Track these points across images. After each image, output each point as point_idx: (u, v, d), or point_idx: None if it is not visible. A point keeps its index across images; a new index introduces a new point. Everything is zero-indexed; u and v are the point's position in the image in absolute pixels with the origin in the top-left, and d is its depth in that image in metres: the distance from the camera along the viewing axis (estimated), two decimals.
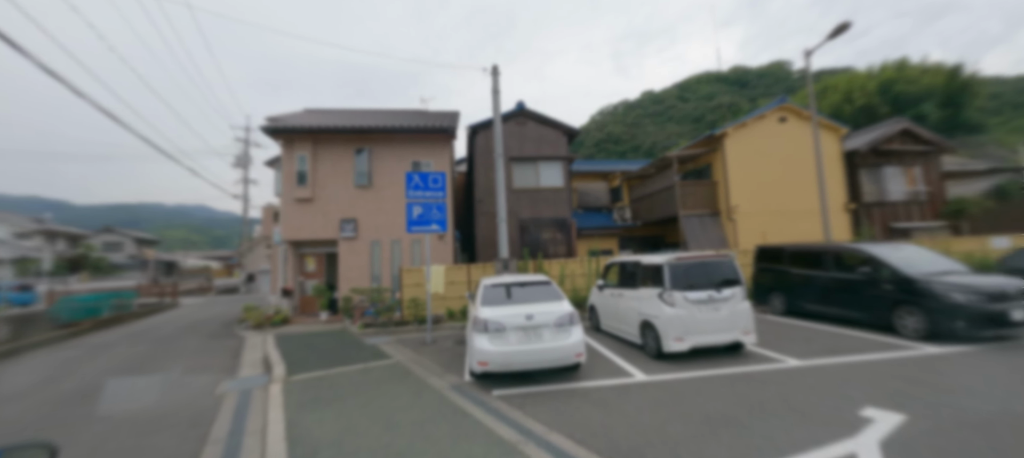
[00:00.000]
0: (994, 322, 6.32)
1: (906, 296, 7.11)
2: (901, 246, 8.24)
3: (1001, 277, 6.82)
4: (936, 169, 16.37)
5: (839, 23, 11.55)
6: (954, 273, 7.15)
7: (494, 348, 5.39)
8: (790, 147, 15.37)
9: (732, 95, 77.45)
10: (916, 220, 15.80)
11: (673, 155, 15.22)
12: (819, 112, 15.04)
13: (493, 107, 11.63)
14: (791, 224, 14.97)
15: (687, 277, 6.52)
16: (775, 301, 10.06)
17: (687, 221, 14.73)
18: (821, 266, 8.89)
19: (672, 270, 6.52)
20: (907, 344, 6.66)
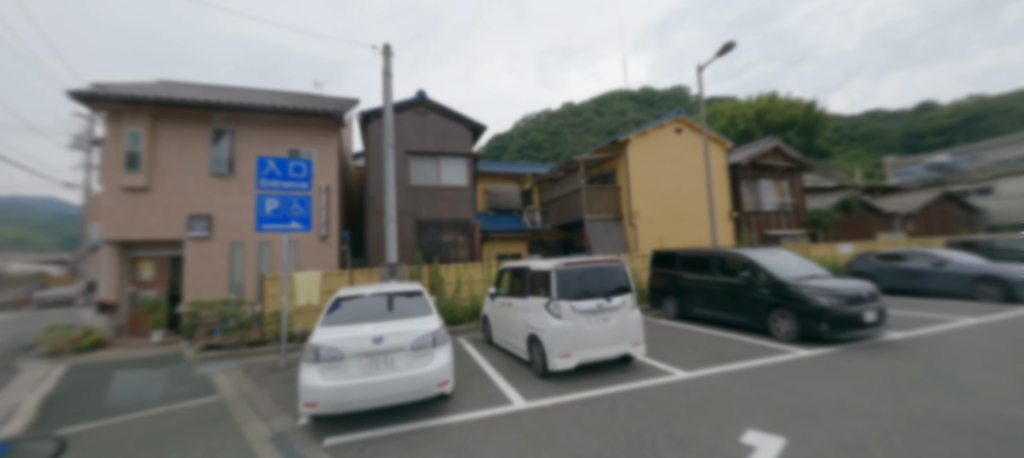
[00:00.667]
0: (852, 324, 6.65)
1: (779, 300, 7.30)
2: (776, 251, 8.63)
3: (855, 281, 7.32)
4: (799, 184, 18.62)
5: (725, 43, 12.26)
6: (818, 277, 7.54)
7: (326, 383, 4.10)
8: (685, 157, 16.22)
9: (641, 112, 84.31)
10: (784, 228, 17.72)
11: (580, 159, 15.12)
12: (710, 127, 16.05)
13: (384, 92, 10.21)
14: (686, 229, 15.74)
15: (576, 284, 5.85)
16: (668, 305, 10.10)
17: (592, 225, 14.67)
18: (708, 270, 9.02)
19: (560, 277, 5.80)
20: (781, 348, 6.76)
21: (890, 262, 12.09)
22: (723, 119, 52.67)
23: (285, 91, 15.29)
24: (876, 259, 12.47)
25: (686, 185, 16.02)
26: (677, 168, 16.12)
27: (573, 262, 5.97)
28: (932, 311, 9.14)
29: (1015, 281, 9.45)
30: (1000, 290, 9.67)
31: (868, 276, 12.45)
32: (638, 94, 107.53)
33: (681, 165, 16.16)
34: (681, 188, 15.98)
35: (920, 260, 11.45)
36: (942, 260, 10.95)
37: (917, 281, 11.32)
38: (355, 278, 10.41)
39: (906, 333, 7.31)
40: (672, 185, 15.91)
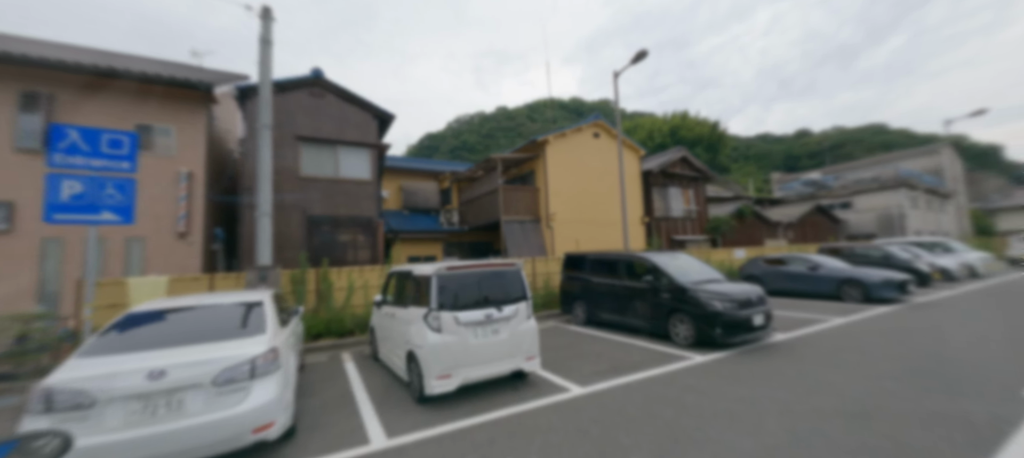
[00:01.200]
0: (743, 328, 6.70)
1: (679, 304, 7.21)
2: (678, 255, 8.67)
3: (746, 285, 7.49)
4: (703, 193, 19.98)
5: (638, 52, 12.45)
6: (714, 281, 7.60)
7: (82, 442, 2.78)
8: (602, 161, 16.42)
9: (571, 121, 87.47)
10: (690, 234, 18.82)
11: (498, 157, 14.50)
12: (631, 138, 16.43)
13: (260, 62, 8.61)
14: (602, 233, 15.89)
15: (462, 292, 5.05)
16: (578, 310, 9.79)
17: (508, 227, 14.11)
18: (615, 274, 8.82)
19: (441, 283, 4.95)
20: (679, 354, 6.61)
21: (775, 266, 13.14)
22: (643, 132, 56.39)
23: (138, 56, 12.59)
24: (764, 263, 13.51)
25: (602, 189, 16.21)
26: (594, 172, 16.25)
27: (459, 265, 5.15)
28: (809, 311, 9.90)
29: (871, 284, 10.63)
30: (860, 291, 10.83)
31: (757, 279, 13.44)
32: (568, 104, 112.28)
33: (598, 169, 16.32)
34: (598, 192, 16.13)
35: (799, 264, 12.56)
36: (816, 264, 12.09)
37: (796, 283, 12.39)
38: (217, 284, 8.60)
39: (789, 334, 7.64)
40: (589, 188, 15.98)
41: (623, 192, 12.81)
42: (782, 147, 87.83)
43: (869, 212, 27.51)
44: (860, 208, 28.20)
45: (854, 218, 27.96)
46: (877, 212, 27.09)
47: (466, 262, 5.31)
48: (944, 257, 15.69)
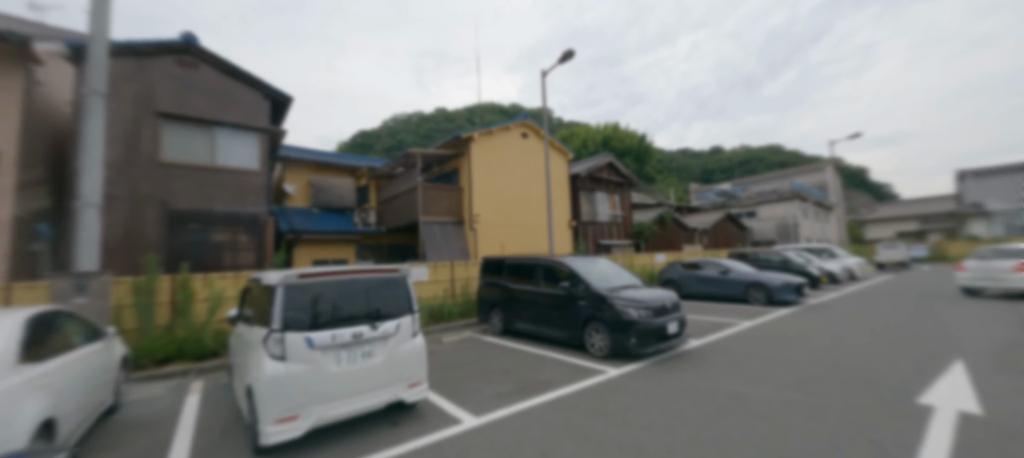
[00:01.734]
0: (658, 337, 6.33)
1: (595, 312, 6.70)
2: (597, 260, 8.24)
3: (661, 291, 7.20)
4: (628, 199, 20.45)
5: (565, 51, 12.12)
6: (632, 287, 7.23)
7: None
8: (530, 163, 15.94)
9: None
10: (615, 238, 19.09)
11: (417, 153, 13.35)
12: (566, 146, 16.15)
13: (91, 10, 6.72)
14: (528, 236, 15.36)
15: (322, 306, 3.96)
16: (495, 319, 9.00)
17: (428, 228, 13.00)
18: (533, 280, 8.16)
19: (289, 295, 3.82)
20: (594, 367, 6.06)
21: (690, 270, 13.51)
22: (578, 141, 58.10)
23: None
24: (681, 267, 13.85)
25: (530, 191, 15.71)
26: (522, 173, 15.72)
27: (315, 273, 4.05)
28: (720, 315, 10.08)
29: (773, 287, 11.19)
30: (764, 294, 11.36)
31: (675, 283, 13.73)
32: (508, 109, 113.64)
33: (526, 171, 15.82)
34: (525, 194, 15.60)
35: (712, 269, 13.00)
36: (726, 269, 12.57)
37: (710, 287, 12.79)
38: (16, 296, 6.49)
39: (702, 340, 7.50)
40: (516, 190, 15.39)
41: (549, 194, 12.35)
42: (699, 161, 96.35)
43: (770, 220, 30.42)
44: (763, 217, 31.10)
45: (758, 226, 30.75)
46: (776, 221, 30.03)
47: (328, 268, 4.21)
48: (830, 262, 17.44)
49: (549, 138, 16.44)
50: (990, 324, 7.94)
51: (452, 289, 11.38)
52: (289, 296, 3.80)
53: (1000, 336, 6.91)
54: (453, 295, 11.30)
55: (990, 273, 11.35)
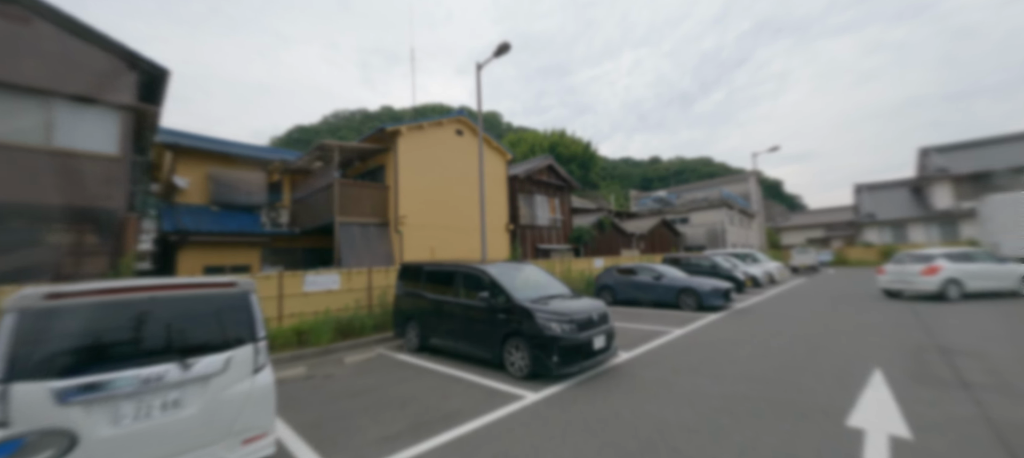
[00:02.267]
0: (583, 353, 5.65)
1: (515, 327, 5.90)
2: (522, 266, 7.48)
3: (588, 301, 6.56)
4: (568, 203, 20.20)
5: (500, 44, 11.41)
6: (559, 297, 6.52)
7: None
8: (464, 162, 15.01)
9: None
10: (555, 243, 18.68)
11: (334, 144, 11.87)
12: (513, 152, 15.38)
13: None
14: (462, 240, 14.39)
15: (89, 340, 2.72)
16: (411, 333, 7.93)
17: (346, 230, 11.56)
18: (452, 289, 7.21)
19: (24, 326, 2.54)
20: (509, 392, 5.23)
21: (627, 276, 13.31)
22: (525, 146, 58.19)
23: None
24: (617, 273, 13.62)
25: (465, 192, 14.77)
26: (456, 172, 14.73)
27: (76, 291, 2.79)
28: (653, 321, 9.78)
29: (703, 293, 11.18)
30: (695, 300, 11.32)
31: (611, 288, 13.46)
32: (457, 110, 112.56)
33: (460, 170, 14.85)
34: (459, 194, 14.63)
35: (646, 274, 12.87)
36: (660, 274, 12.47)
37: (644, 292, 12.63)
38: None
39: (632, 352, 6.99)
40: (449, 190, 14.37)
41: (482, 194, 11.48)
42: (640, 170, 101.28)
43: (701, 227, 32.01)
44: (695, 223, 32.67)
45: (690, 232, 32.22)
46: (707, 227, 31.65)
47: (106, 284, 2.95)
48: (753, 266, 18.30)
49: (486, 137, 15.65)
50: (897, 328, 8.25)
51: (369, 299, 10.09)
52: (25, 327, 2.52)
53: (908, 340, 7.09)
54: (370, 306, 10.03)
55: (903, 276, 12.29)
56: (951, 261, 11.68)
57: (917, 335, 7.45)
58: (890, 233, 34.41)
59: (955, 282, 11.37)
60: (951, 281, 11.35)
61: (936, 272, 11.48)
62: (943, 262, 11.63)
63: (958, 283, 11.38)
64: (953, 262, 11.66)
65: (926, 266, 11.69)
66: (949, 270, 11.43)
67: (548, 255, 17.97)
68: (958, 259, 11.79)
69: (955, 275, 11.40)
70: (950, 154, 33.61)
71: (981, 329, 7.76)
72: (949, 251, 12.21)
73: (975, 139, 33.89)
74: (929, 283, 11.51)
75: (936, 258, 11.84)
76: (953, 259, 11.76)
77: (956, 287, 11.36)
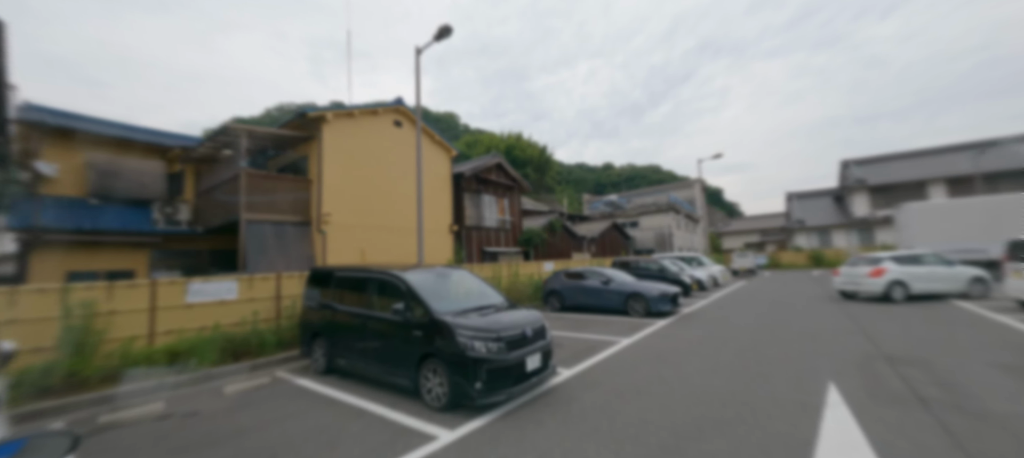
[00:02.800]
0: (513, 377, 4.71)
1: (433, 346, 4.85)
2: (451, 272, 6.44)
3: (523, 312, 5.65)
4: (518, 204, 19.42)
5: (441, 27, 10.40)
6: (487, 309, 5.53)
7: None
8: (404, 156, 13.71)
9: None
10: (503, 246, 17.79)
11: (242, 128, 10.17)
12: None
13: None
14: (400, 241, 13.07)
15: None
16: (318, 352, 6.63)
17: (254, 229, 9.91)
18: (365, 299, 6.03)
19: None
20: (421, 429, 4.18)
21: (575, 280, 12.65)
22: (482, 147, 57.20)
23: None
24: (565, 277, 12.94)
25: (404, 189, 13.46)
26: (395, 167, 13.41)
27: None
28: (600, 330, 9.11)
29: (651, 298, 10.73)
30: (643, 305, 10.85)
31: (558, 293, 12.75)
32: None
33: (399, 165, 13.54)
34: (396, 191, 13.31)
35: (594, 279, 12.28)
36: (608, 279, 11.92)
37: (593, 298, 12.02)
38: None
39: (573, 369, 6.17)
40: (384, 187, 13.02)
41: (420, 189, 10.30)
42: (594, 176, 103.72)
43: (650, 230, 32.61)
44: (644, 227, 33.24)
45: (640, 235, 32.73)
46: (655, 230, 32.29)
47: None
48: (699, 270, 18.49)
49: (428, 130, 14.47)
50: (838, 335, 8.11)
51: (277, 309, 8.57)
52: None
53: (853, 349, 6.85)
54: (277, 318, 8.51)
55: (854, 278, 12.63)
56: (897, 264, 12.05)
57: (860, 342, 7.28)
58: (817, 238, 37.06)
59: (900, 284, 11.76)
60: (896, 283, 11.73)
61: (881, 274, 11.86)
62: (889, 264, 12.02)
63: (903, 285, 11.75)
64: (899, 264, 12.02)
65: (873, 268, 12.09)
66: (894, 272, 11.81)
67: (495, 258, 17.04)
68: (905, 262, 12.15)
69: (900, 277, 11.75)
70: (867, 166, 36.86)
71: (917, 334, 7.77)
72: (898, 254, 12.62)
73: (887, 153, 37.44)
74: (875, 285, 11.88)
75: (882, 260, 12.23)
76: (899, 262, 12.12)
77: (901, 289, 11.74)
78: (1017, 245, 9.83)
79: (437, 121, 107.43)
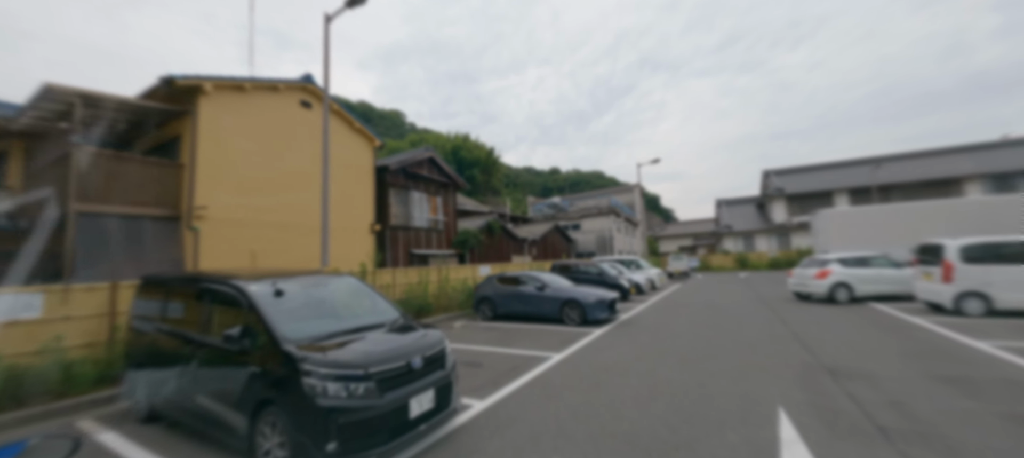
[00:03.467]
0: (388, 429, 3.38)
1: (275, 389, 3.39)
2: (329, 280, 4.95)
3: (416, 335, 4.31)
4: (453, 203, 18.01)
5: None
6: (368, 330, 4.13)
7: None
8: (315, 143, 11.78)
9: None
10: (435, 248, 16.29)
11: (74, 91, 7.80)
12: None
13: None
14: (307, 242, 11.14)
15: None
16: (140, 392, 4.83)
17: (89, 224, 7.62)
18: (199, 320, 4.37)
19: None
20: None
21: (509, 286, 11.55)
22: None
23: None
24: (498, 282, 11.79)
25: (315, 181, 11.54)
26: (301, 157, 11.46)
27: None
28: (530, 344, 8.03)
29: (587, 305, 9.89)
30: (579, 313, 9.98)
31: (490, 300, 11.59)
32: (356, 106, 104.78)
33: (308, 154, 11.60)
34: (304, 184, 11.37)
35: (530, 284, 11.26)
36: (544, 285, 10.95)
37: (528, 305, 10.99)
38: None
39: (487, 399, 4.98)
40: (288, 178, 11.06)
41: (326, 180, 8.58)
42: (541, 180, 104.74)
43: (591, 233, 32.66)
44: (586, 230, 33.25)
45: (582, 238, 32.66)
46: (596, 233, 32.38)
47: None
48: (637, 273, 18.29)
49: (346, 115, 12.69)
50: (775, 343, 7.71)
51: (109, 329, 6.49)
52: None
53: (792, 360, 6.35)
54: (110, 342, 6.43)
55: (803, 280, 12.69)
56: (843, 265, 12.21)
57: (796, 351, 6.84)
58: (743, 242, 39.50)
59: (845, 286, 11.92)
60: (840, 285, 11.88)
61: (826, 276, 12.00)
62: (834, 266, 12.18)
63: (847, 287, 11.91)
64: (845, 267, 12.18)
65: (818, 270, 12.23)
66: (838, 274, 11.97)
67: (426, 261, 15.50)
68: (851, 264, 12.31)
69: (845, 279, 11.89)
70: (784, 177, 39.99)
71: (845, 340, 7.55)
72: (845, 255, 12.80)
73: (801, 165, 40.93)
74: (820, 286, 12.01)
75: (829, 262, 12.38)
76: (845, 264, 12.29)
77: (845, 290, 11.89)
78: (925, 249, 10.26)
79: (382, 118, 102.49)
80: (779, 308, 11.70)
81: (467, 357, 7.22)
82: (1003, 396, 4.51)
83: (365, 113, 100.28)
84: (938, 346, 6.77)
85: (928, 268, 9.93)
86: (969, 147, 35.11)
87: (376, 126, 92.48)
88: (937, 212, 17.41)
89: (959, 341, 7.00)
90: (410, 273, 12.48)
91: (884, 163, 34.69)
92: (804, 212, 33.95)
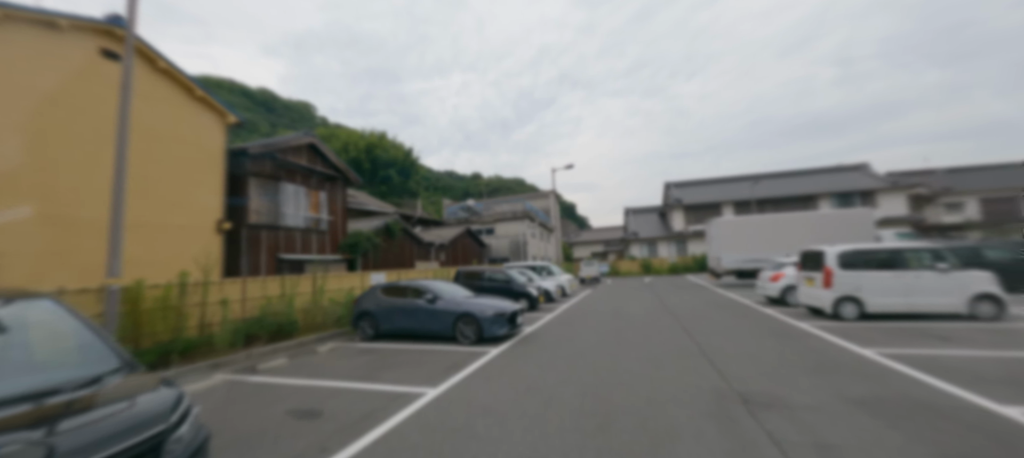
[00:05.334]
0: None
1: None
2: (18, 307, 2.74)
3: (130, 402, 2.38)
4: (342, 201, 15.44)
5: None
6: (53, 394, 2.11)
7: None
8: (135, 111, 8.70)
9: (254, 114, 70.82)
10: (315, 252, 13.65)
11: None
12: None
13: None
14: (98, 244, 8.04)
15: None
16: None
17: None
18: None
19: None
20: None
21: (395, 298, 9.66)
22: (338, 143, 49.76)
23: None
24: (382, 294, 9.84)
25: (135, 161, 8.45)
26: (103, 126, 8.34)
27: None
28: (401, 374, 6.30)
29: (483, 320, 8.46)
30: (474, 329, 8.52)
31: (372, 316, 9.60)
32: (256, 93, 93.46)
33: (114, 123, 8.49)
34: (103, 167, 8.26)
35: (421, 296, 9.51)
36: (435, 296, 9.28)
37: (415, 321, 9.23)
38: None
39: None
40: (76, 155, 7.93)
41: (121, 153, 5.94)
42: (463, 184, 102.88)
43: (505, 238, 31.76)
44: (500, 234, 32.26)
45: (495, 243, 31.59)
46: (511, 238, 31.56)
47: None
48: (548, 280, 17.52)
49: (188, 82, 9.82)
50: (682, 359, 7.01)
51: None
52: None
53: (703, 384, 5.53)
54: None
55: (763, 282, 12.81)
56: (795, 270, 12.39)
57: (704, 369, 6.13)
58: (647, 248, 41.95)
59: (789, 288, 12.05)
60: (791, 288, 11.95)
61: (778, 279, 12.33)
62: (789, 269, 12.37)
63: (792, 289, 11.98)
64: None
65: (772, 273, 12.46)
66: (790, 277, 12.08)
67: (301, 268, 12.83)
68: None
69: (796, 282, 11.98)
70: (683, 189, 43.48)
71: (749, 353, 7.13)
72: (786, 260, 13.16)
73: (697, 179, 44.92)
74: (773, 289, 12.36)
75: (784, 265, 12.71)
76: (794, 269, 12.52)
77: (791, 293, 11.98)
78: (807, 256, 10.71)
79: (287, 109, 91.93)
80: (681, 316, 11.51)
81: (309, 400, 5.29)
82: (924, 427, 3.99)
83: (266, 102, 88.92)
84: (834, 357, 6.56)
85: (810, 273, 10.33)
86: (819, 170, 41.61)
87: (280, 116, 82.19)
88: (803, 222, 19.51)
89: (850, 350, 6.92)
90: (271, 284, 9.93)
91: (761, 180, 39.43)
92: (699, 221, 37.04)
